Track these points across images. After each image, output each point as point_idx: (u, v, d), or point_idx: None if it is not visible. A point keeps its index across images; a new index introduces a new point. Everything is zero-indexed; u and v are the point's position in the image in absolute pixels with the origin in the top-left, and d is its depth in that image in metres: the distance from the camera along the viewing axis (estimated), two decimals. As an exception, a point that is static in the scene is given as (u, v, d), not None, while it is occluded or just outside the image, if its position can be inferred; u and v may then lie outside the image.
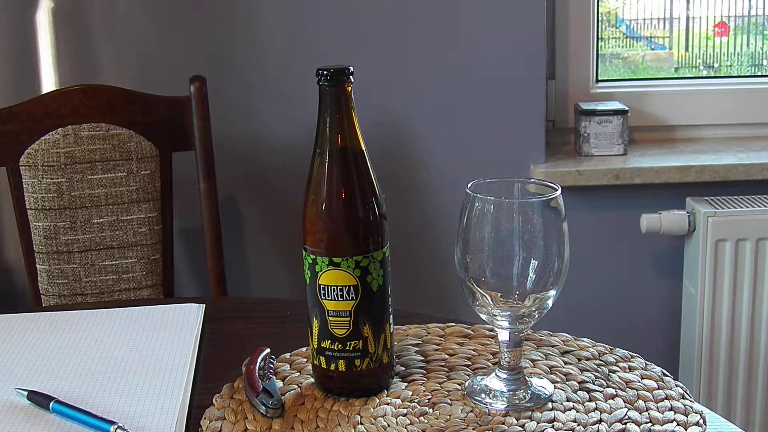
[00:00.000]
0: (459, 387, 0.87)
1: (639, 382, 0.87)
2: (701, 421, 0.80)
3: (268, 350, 0.92)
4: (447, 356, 0.94)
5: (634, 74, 2.09)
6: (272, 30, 1.82)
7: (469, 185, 0.82)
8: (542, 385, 0.86)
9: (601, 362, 0.91)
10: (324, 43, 1.83)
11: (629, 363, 0.91)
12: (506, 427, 0.80)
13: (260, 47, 1.83)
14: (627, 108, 1.90)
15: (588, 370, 0.89)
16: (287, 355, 0.95)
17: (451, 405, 0.84)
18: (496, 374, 0.86)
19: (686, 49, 2.10)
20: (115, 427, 0.82)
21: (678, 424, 0.79)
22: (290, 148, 1.84)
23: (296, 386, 0.89)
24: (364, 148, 0.84)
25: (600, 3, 1.99)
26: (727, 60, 2.09)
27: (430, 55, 1.83)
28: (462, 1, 1.81)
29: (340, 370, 0.85)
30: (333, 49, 1.82)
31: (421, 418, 0.82)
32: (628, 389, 0.85)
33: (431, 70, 1.84)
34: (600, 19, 2.01)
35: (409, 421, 0.82)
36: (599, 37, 2.02)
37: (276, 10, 1.81)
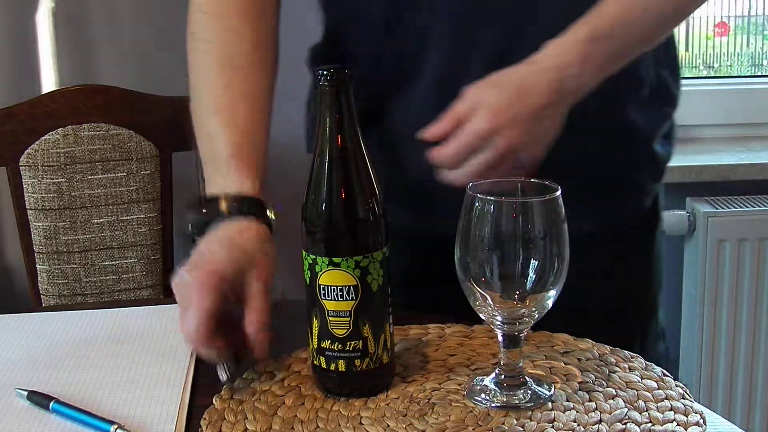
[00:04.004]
0: (459, 387, 0.87)
1: (639, 382, 0.87)
2: (701, 421, 0.80)
3: None
4: (447, 356, 0.94)
5: (634, 74, 2.09)
6: (272, 30, 1.82)
7: (469, 185, 0.82)
8: (542, 385, 0.86)
9: (601, 362, 0.91)
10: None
11: (629, 363, 0.91)
12: (506, 427, 0.80)
13: (260, 47, 1.82)
14: (627, 108, 1.90)
15: (588, 370, 0.89)
16: (287, 355, 0.95)
17: (451, 405, 0.84)
18: (496, 374, 0.86)
19: (686, 49, 2.10)
20: (115, 427, 0.82)
21: (678, 424, 0.79)
22: (290, 148, 1.84)
23: (296, 386, 0.89)
24: (364, 149, 0.84)
25: (600, 3, 1.99)
26: (727, 60, 2.09)
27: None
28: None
29: (340, 370, 0.85)
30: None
31: (421, 418, 0.82)
32: (628, 389, 0.85)
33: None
34: (600, 19, 2.01)
35: (409, 422, 0.82)
36: (599, 37, 2.01)
37: (276, 10, 1.81)
